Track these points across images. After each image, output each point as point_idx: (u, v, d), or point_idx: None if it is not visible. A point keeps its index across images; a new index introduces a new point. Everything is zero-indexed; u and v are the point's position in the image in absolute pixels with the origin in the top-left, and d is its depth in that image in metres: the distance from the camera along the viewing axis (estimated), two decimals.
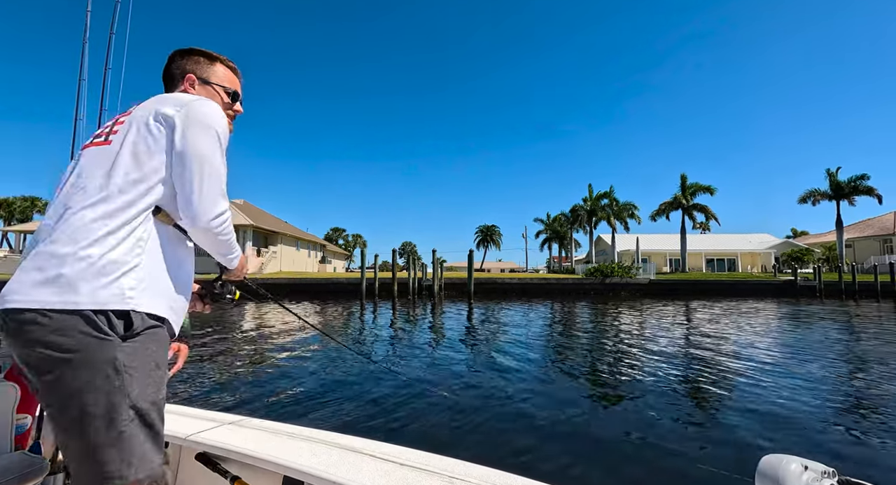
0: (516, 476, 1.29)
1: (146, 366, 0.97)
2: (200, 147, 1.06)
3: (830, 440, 3.74)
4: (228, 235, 1.14)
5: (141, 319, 0.98)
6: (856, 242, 41.34)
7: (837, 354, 7.86)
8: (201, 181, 1.05)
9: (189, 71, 1.27)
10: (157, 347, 1.01)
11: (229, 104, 1.32)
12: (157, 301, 1.03)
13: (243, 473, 1.58)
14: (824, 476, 0.80)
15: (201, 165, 1.06)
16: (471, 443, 3.66)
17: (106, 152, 1.06)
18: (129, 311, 0.96)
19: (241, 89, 1.37)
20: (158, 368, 1.01)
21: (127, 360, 0.94)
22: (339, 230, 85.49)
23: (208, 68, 1.29)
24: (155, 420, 0.98)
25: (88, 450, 0.90)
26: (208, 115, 1.11)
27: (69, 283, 0.92)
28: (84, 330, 0.91)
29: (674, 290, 28.93)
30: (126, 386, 0.93)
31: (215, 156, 1.09)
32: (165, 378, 1.04)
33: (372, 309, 17.88)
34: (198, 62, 1.29)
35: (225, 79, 1.32)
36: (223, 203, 1.09)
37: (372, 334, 10.86)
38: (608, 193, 42.25)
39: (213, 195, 1.06)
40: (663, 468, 3.18)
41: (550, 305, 20.21)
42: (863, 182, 34.22)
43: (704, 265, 44.81)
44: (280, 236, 37.04)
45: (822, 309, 18.17)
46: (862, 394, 5.18)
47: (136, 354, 0.96)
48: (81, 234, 0.96)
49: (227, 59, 1.34)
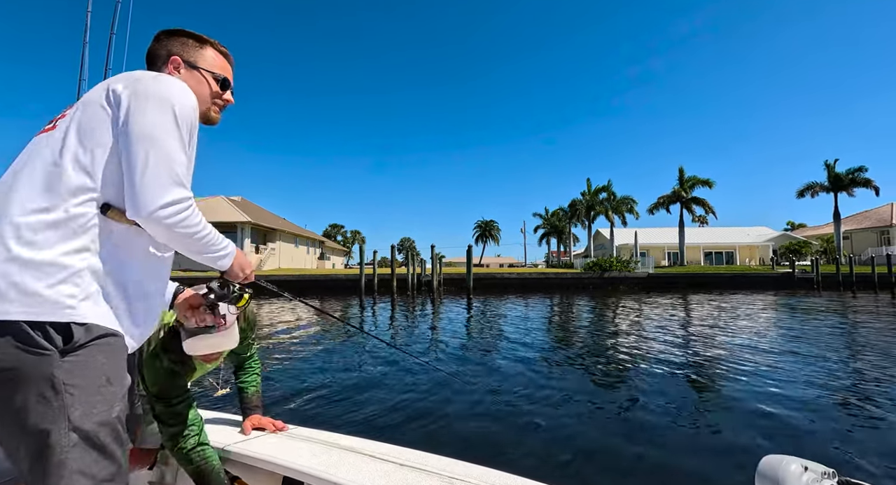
0: (515, 476, 1.29)
1: (93, 382, 0.86)
2: (148, 124, 0.91)
3: (830, 440, 3.73)
4: (191, 229, 0.95)
5: (85, 330, 0.86)
6: (853, 233, 41.45)
7: (837, 350, 7.88)
8: (146, 164, 0.89)
9: (175, 53, 1.14)
10: (108, 360, 0.89)
11: (218, 93, 1.19)
12: (106, 310, 0.91)
13: (243, 473, 1.58)
14: (824, 477, 0.80)
15: (148, 145, 0.90)
16: (470, 443, 3.66)
17: (50, 139, 0.93)
18: (68, 323, 0.84)
19: (233, 77, 1.24)
20: (111, 383, 0.89)
21: (67, 377, 0.83)
22: (338, 226, 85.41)
23: (197, 51, 1.16)
24: (106, 441, 0.86)
25: (33, 480, 0.80)
26: (163, 90, 0.96)
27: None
28: (17, 345, 0.80)
29: (672, 283, 28.99)
30: (67, 407, 0.81)
31: (167, 135, 0.92)
32: (122, 392, 0.92)
33: (371, 305, 17.90)
34: (185, 44, 1.16)
35: (215, 64, 1.19)
36: (176, 191, 0.91)
37: (371, 331, 10.87)
38: (606, 187, 42.27)
39: (161, 181, 0.89)
40: (662, 468, 3.18)
41: (549, 299, 20.25)
42: (860, 174, 34.24)
43: (703, 258, 44.90)
44: (279, 233, 36.97)
45: (820, 301, 18.23)
46: (862, 392, 5.19)
47: (78, 370, 0.84)
48: (14, 233, 0.84)
49: (218, 43, 1.21)
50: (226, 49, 1.23)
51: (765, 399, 4.79)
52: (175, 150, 0.93)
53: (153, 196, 0.88)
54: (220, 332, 1.31)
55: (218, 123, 1.22)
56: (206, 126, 1.21)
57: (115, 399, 0.90)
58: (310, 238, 45.15)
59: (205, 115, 1.17)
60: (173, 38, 1.15)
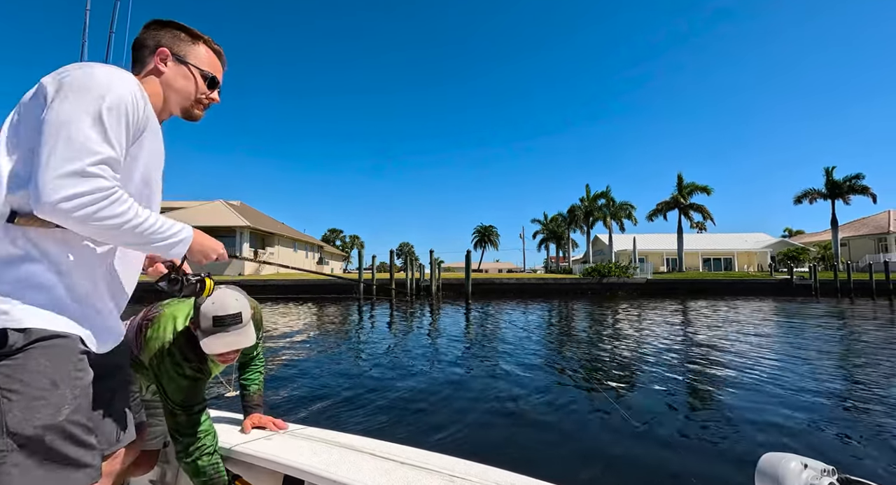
0: (515, 474, 1.29)
1: (35, 385, 0.84)
2: (63, 113, 0.84)
3: (830, 438, 3.74)
4: (111, 222, 0.86)
5: (24, 335, 0.84)
6: (851, 240, 41.57)
7: (835, 353, 7.89)
8: (51, 153, 0.81)
9: (164, 44, 1.08)
10: (52, 363, 0.87)
11: (205, 91, 1.14)
12: (50, 314, 0.89)
13: (244, 472, 1.58)
14: (824, 474, 0.80)
15: (57, 132, 0.82)
16: (469, 441, 3.66)
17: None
18: (3, 329, 0.83)
19: (224, 77, 1.20)
20: (57, 386, 0.86)
21: (3, 382, 0.82)
22: (337, 231, 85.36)
23: (189, 46, 1.11)
24: (56, 444, 0.84)
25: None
26: (88, 79, 0.88)
27: None
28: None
29: (671, 289, 28.99)
30: (3, 412, 0.80)
31: (82, 124, 0.84)
32: (74, 394, 0.90)
33: (369, 310, 17.87)
34: (177, 37, 1.10)
35: (205, 61, 1.13)
36: (82, 182, 0.81)
37: (369, 334, 10.84)
38: (605, 192, 42.38)
39: (63, 171, 0.80)
40: (662, 467, 3.18)
41: (548, 305, 20.23)
42: (858, 181, 34.41)
43: (701, 265, 44.95)
44: (277, 238, 36.94)
45: (817, 308, 18.25)
46: (861, 392, 5.20)
47: (17, 374, 0.83)
48: None
49: (212, 40, 1.16)
50: (220, 47, 1.18)
51: (764, 400, 4.80)
52: (91, 140, 0.84)
53: (53, 188, 0.80)
54: (237, 329, 1.29)
55: (200, 120, 1.17)
56: (189, 122, 1.17)
57: (63, 402, 0.87)
58: (309, 243, 45.13)
59: (187, 111, 1.14)
60: (165, 30, 1.10)
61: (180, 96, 1.11)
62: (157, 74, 1.09)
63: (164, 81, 1.09)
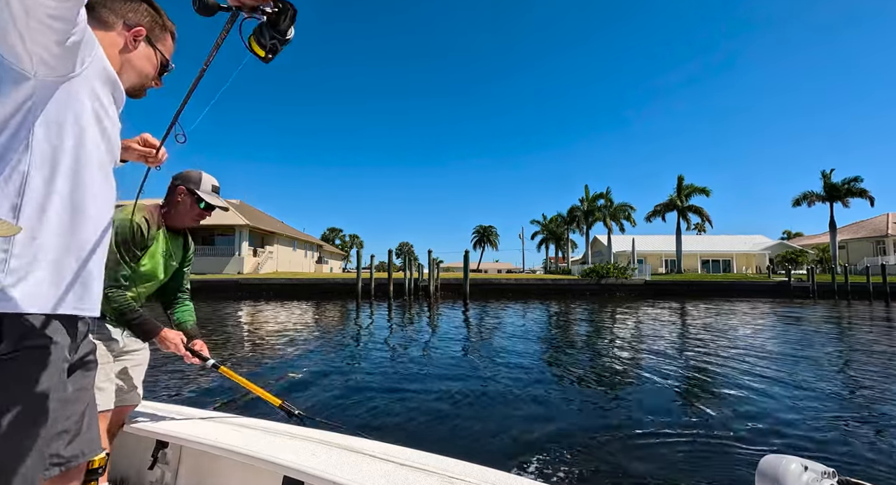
0: (514, 476, 1.30)
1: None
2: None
3: (830, 441, 3.75)
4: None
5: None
6: (849, 243, 41.68)
7: (833, 355, 7.91)
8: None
9: (143, 24, 1.03)
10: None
11: (156, 77, 1.10)
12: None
13: (243, 472, 1.58)
14: (824, 477, 0.81)
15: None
16: (469, 443, 3.66)
17: None
18: None
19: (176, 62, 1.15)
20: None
21: None
22: (336, 230, 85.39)
23: (164, 33, 1.09)
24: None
25: None
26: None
27: None
28: None
29: (669, 291, 29.07)
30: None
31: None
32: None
33: (368, 309, 17.86)
34: (155, 20, 1.06)
35: (169, 49, 1.10)
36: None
37: (367, 335, 10.84)
38: (604, 194, 42.45)
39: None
40: (662, 468, 3.18)
41: (547, 305, 20.25)
42: (856, 184, 34.51)
43: (700, 266, 45.04)
44: (276, 237, 36.94)
45: (815, 310, 18.30)
46: (860, 394, 5.22)
47: None
48: None
49: (175, 30, 1.12)
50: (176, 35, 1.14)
51: (764, 401, 4.82)
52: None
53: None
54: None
55: (142, 97, 1.11)
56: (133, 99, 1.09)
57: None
58: (308, 242, 45.13)
59: (135, 90, 1.07)
60: (145, 6, 1.04)
61: (135, 75, 1.05)
62: (125, 51, 1.02)
63: (127, 57, 1.02)
